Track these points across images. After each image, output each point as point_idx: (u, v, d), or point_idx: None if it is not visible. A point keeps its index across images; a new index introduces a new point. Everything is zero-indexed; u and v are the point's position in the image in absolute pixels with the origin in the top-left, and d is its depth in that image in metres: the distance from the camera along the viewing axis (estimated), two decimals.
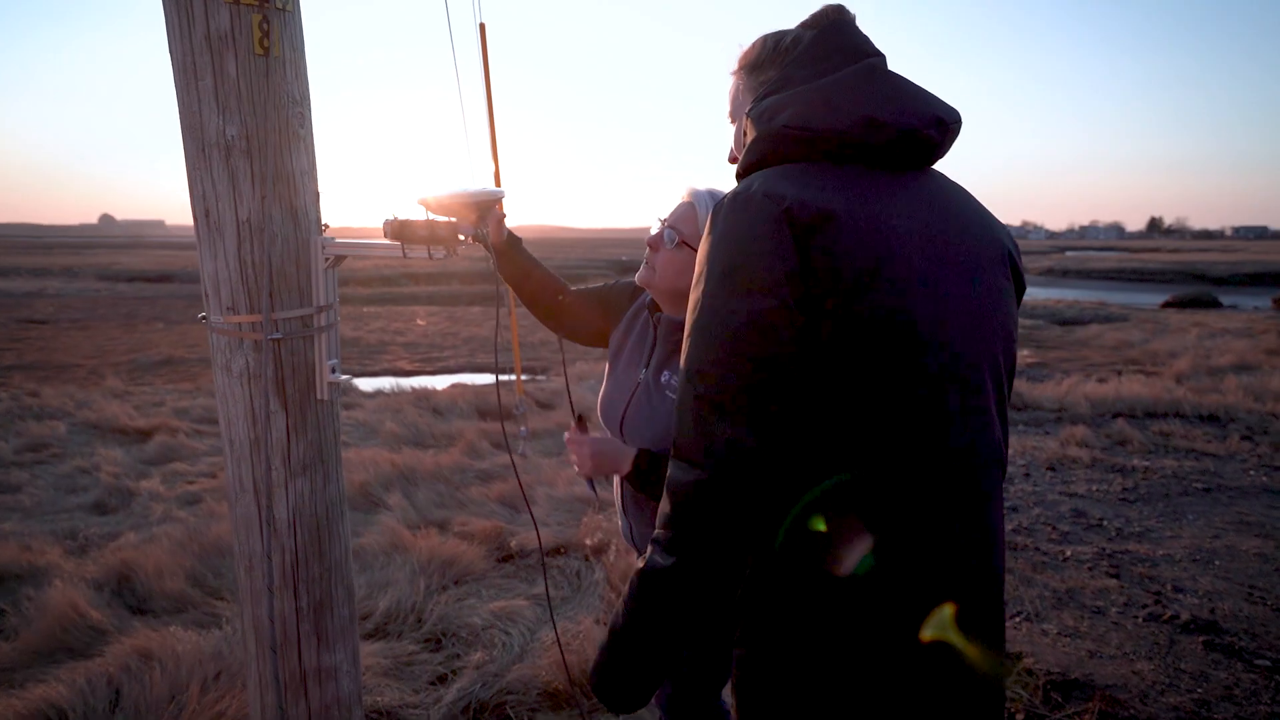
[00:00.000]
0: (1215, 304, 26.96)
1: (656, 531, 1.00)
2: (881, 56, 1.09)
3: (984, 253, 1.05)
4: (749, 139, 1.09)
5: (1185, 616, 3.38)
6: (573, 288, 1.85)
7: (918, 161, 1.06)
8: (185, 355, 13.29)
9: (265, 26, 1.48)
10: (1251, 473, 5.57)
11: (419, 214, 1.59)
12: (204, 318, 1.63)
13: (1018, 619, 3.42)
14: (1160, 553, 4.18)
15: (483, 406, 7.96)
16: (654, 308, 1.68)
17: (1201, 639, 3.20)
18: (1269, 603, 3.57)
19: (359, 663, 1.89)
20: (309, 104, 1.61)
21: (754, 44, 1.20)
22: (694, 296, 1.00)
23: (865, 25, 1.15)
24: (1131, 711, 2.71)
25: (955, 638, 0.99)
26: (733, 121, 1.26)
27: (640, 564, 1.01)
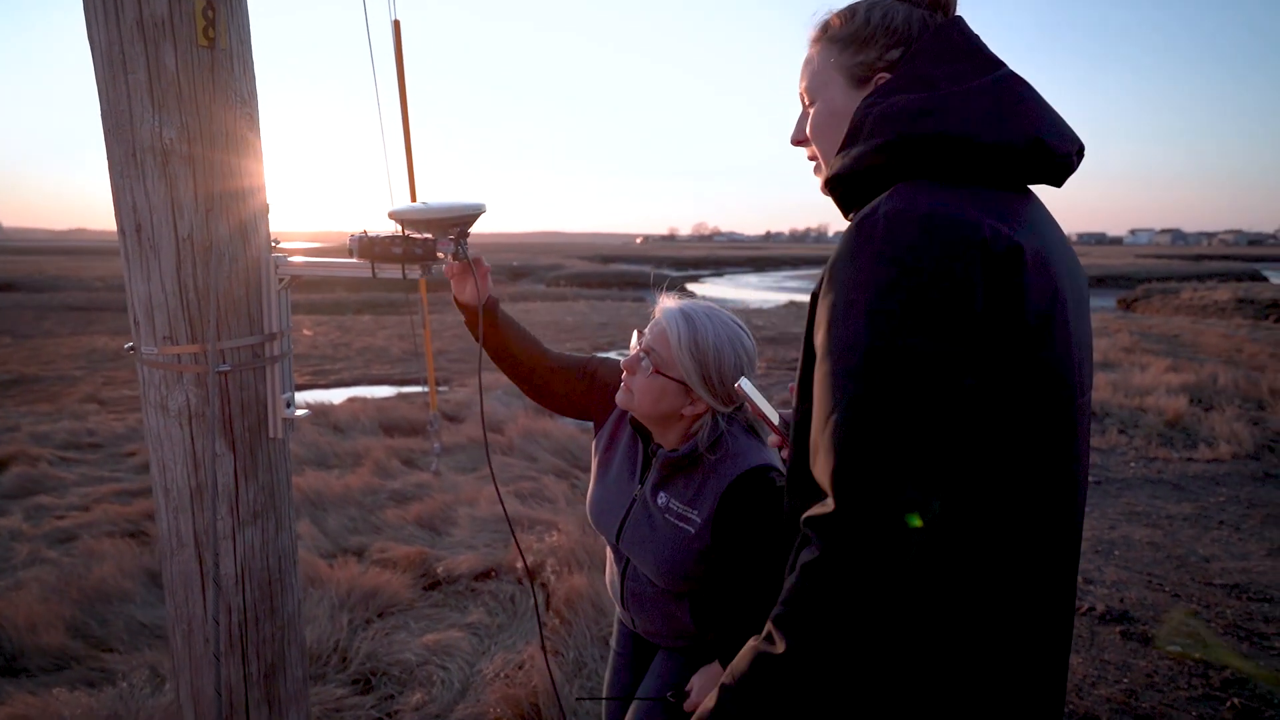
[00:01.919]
0: None
1: (782, 610, 0.88)
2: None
3: (1084, 287, 1.00)
4: (868, 138, 0.95)
5: (1100, 608, 3.57)
6: (552, 352, 1.68)
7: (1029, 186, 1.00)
8: (41, 373, 12.01)
9: (210, 14, 1.29)
10: (1132, 465, 6.01)
11: (380, 230, 1.43)
12: (132, 349, 1.41)
13: None
14: None
15: (387, 421, 7.56)
16: (638, 424, 1.57)
17: (1118, 629, 3.39)
18: (1167, 589, 3.83)
19: None
20: (257, 103, 1.43)
21: (846, 13, 1.03)
22: (842, 334, 0.85)
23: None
24: (1069, 707, 2.81)
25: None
26: (809, 101, 1.08)
27: (761, 644, 0.90)
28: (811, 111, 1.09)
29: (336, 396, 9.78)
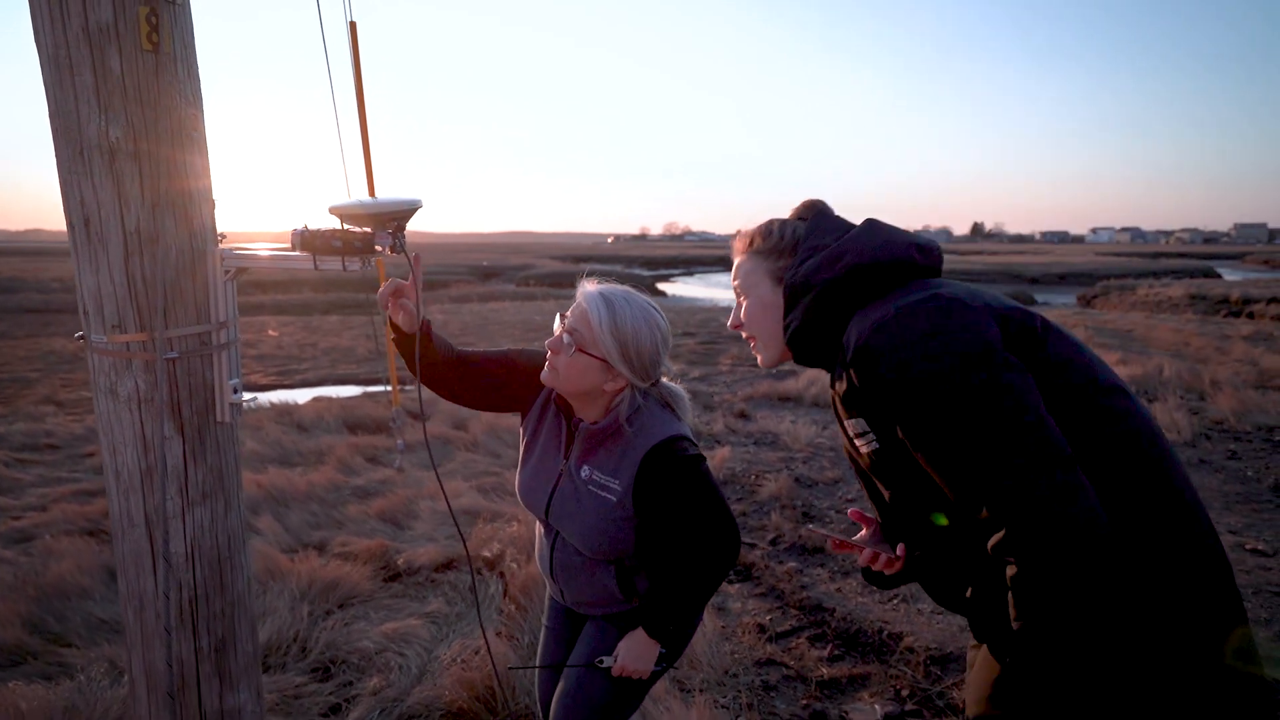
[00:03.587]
0: (1032, 301, 29.90)
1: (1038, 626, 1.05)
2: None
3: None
4: (805, 296, 1.28)
5: None
6: (465, 350, 1.72)
7: None
8: None
9: (154, 20, 1.37)
10: None
11: (326, 224, 1.52)
12: (82, 337, 1.48)
13: (895, 601, 3.66)
14: None
15: (351, 420, 7.58)
16: (561, 403, 1.67)
17: None
18: None
19: (263, 699, 1.77)
20: (202, 104, 1.50)
21: (764, 230, 1.39)
22: (942, 405, 1.08)
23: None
24: None
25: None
26: (743, 297, 1.41)
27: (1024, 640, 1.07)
28: (745, 304, 1.40)
29: (301, 396, 9.75)
